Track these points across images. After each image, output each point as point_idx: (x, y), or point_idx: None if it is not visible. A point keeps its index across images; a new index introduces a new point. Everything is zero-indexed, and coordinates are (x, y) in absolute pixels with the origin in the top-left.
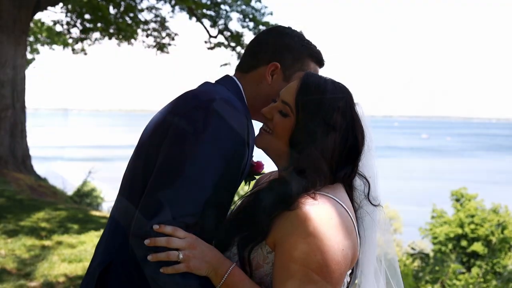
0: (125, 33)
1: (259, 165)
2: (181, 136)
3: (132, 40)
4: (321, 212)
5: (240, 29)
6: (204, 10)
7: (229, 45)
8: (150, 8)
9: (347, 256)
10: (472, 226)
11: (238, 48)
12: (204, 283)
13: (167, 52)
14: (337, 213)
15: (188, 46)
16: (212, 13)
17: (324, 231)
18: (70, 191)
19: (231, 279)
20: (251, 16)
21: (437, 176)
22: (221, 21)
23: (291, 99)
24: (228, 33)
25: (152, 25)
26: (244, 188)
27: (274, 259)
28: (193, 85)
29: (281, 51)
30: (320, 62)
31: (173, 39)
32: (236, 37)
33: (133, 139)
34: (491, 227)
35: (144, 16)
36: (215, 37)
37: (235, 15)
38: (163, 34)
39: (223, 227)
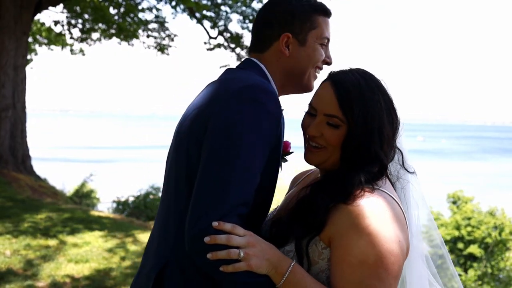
0: (126, 33)
1: (287, 144)
2: (221, 128)
3: (133, 41)
4: (376, 206)
5: (240, 31)
6: (204, 11)
7: (228, 46)
8: (150, 9)
9: (403, 247)
10: (469, 229)
11: (238, 50)
12: (264, 281)
13: (167, 54)
14: (391, 206)
15: (188, 47)
16: (212, 14)
17: (380, 224)
18: (68, 192)
19: (292, 277)
20: (251, 17)
21: (433, 179)
22: (221, 22)
23: (335, 110)
24: (228, 35)
25: (153, 25)
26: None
27: (331, 255)
28: (193, 87)
29: (286, 20)
30: (327, 12)
31: (172, 40)
32: (236, 39)
33: (131, 140)
34: (488, 230)
35: (145, 16)
36: (215, 38)
37: (235, 17)
38: (163, 35)
39: (278, 223)
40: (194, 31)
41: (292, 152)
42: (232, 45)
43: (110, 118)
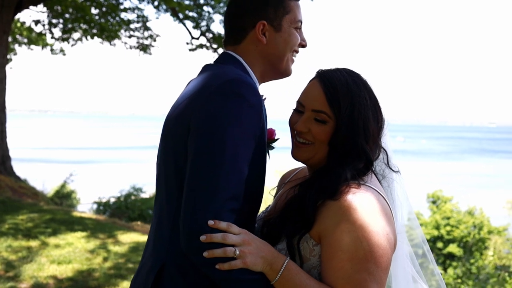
0: (108, 33)
1: (272, 131)
2: (205, 125)
3: (115, 41)
4: (363, 201)
5: (222, 31)
6: (187, 12)
7: (211, 47)
8: (132, 9)
9: (391, 240)
10: (448, 228)
11: (220, 50)
12: (259, 278)
13: (150, 53)
14: (378, 201)
15: (171, 47)
16: (195, 14)
17: (367, 218)
18: (48, 193)
19: (286, 273)
20: None
21: (413, 179)
22: (204, 23)
23: (323, 106)
24: (210, 35)
25: (135, 25)
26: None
27: (321, 251)
28: (176, 87)
29: (259, 8)
30: None
31: (155, 40)
32: (218, 39)
33: (111, 141)
34: (467, 229)
35: (127, 16)
36: (197, 38)
37: (217, 17)
38: (146, 35)
39: (269, 222)
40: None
41: (277, 139)
42: (215, 46)
43: (89, 118)
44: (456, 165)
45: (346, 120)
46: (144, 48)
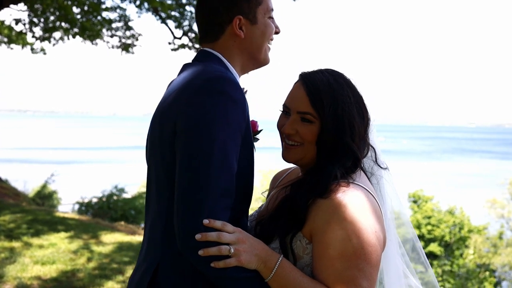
0: (90, 32)
1: (254, 124)
2: (191, 125)
3: (97, 40)
4: (352, 199)
5: None
6: (169, 11)
7: (193, 47)
8: (114, 8)
9: (380, 238)
10: (429, 227)
11: None
12: (254, 276)
13: (132, 53)
14: (367, 198)
15: (153, 46)
16: (177, 14)
17: (356, 216)
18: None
19: (280, 271)
20: None
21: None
22: (186, 23)
23: (308, 107)
24: (193, 35)
25: (116, 24)
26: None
27: (313, 249)
28: (158, 86)
29: (233, 3)
30: None
31: (137, 39)
32: None
33: (92, 141)
34: (447, 228)
35: (109, 15)
36: (180, 38)
37: None
38: (128, 34)
39: (262, 222)
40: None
41: (261, 130)
42: (197, 46)
43: (69, 118)
44: (437, 164)
45: (331, 119)
46: (126, 48)
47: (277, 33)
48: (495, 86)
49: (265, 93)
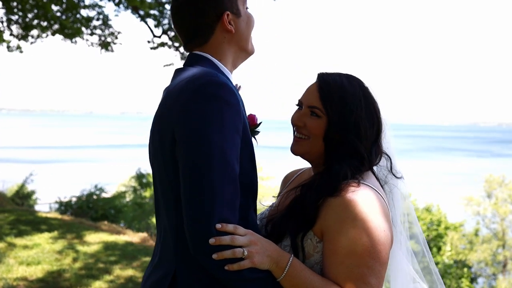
0: (69, 30)
1: (252, 117)
2: (189, 134)
3: (76, 38)
4: (363, 198)
5: None
6: (149, 10)
7: (173, 45)
8: (93, 6)
9: (388, 236)
10: (406, 225)
11: (182, 49)
12: (266, 276)
13: (112, 51)
14: (376, 198)
15: (132, 44)
16: (157, 12)
17: (366, 215)
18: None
19: (292, 270)
20: None
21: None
22: (166, 21)
23: (317, 102)
24: (172, 33)
25: (95, 22)
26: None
27: (323, 247)
28: (136, 84)
29: (218, 0)
30: None
31: (116, 37)
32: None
33: (68, 140)
34: (424, 225)
35: (88, 13)
36: (159, 37)
37: None
38: (107, 32)
39: (273, 221)
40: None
41: (261, 123)
42: (176, 44)
43: (45, 117)
44: (414, 163)
45: (337, 116)
46: (105, 46)
47: None
48: (469, 85)
49: (264, 93)
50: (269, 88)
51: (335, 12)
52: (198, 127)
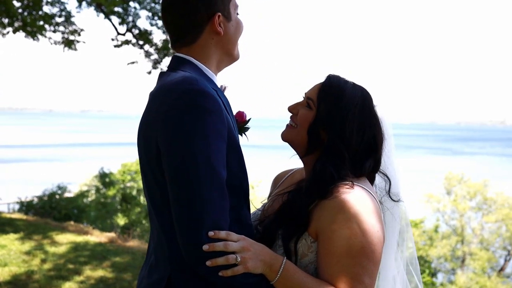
0: (32, 28)
1: (241, 114)
2: (172, 145)
3: (39, 36)
4: (356, 199)
5: (148, 27)
6: (113, 7)
7: (137, 43)
8: (55, 2)
9: (381, 237)
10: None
11: (146, 47)
12: (260, 280)
13: (75, 49)
14: (369, 199)
15: (98, 42)
16: (121, 10)
17: (361, 216)
18: None
19: (285, 273)
20: (160, 14)
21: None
22: (130, 19)
23: (314, 95)
24: (137, 31)
25: (58, 19)
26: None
27: (318, 247)
28: (98, 82)
29: (211, 1)
30: None
31: (79, 35)
32: (144, 35)
33: (26, 139)
34: None
35: (51, 10)
36: (124, 34)
37: (144, 13)
38: (70, 29)
39: (265, 224)
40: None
41: (249, 119)
42: (141, 42)
43: (2, 115)
44: None
45: (326, 111)
46: (69, 44)
47: None
48: (428, 84)
49: (262, 93)
50: (269, 88)
51: (335, 12)
52: (181, 138)
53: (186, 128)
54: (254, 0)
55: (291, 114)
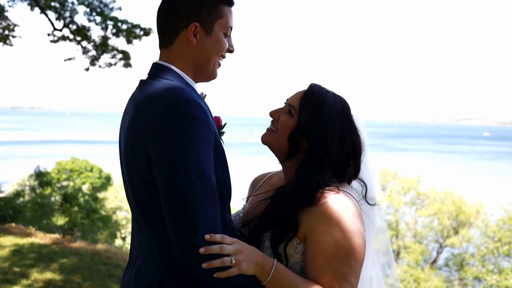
0: None
1: (217, 119)
2: (164, 153)
3: None
4: (343, 204)
5: (86, 23)
6: (49, 2)
7: (74, 39)
8: None
9: (365, 239)
10: None
11: (84, 43)
12: (253, 281)
13: (11, 45)
14: (353, 204)
15: (35, 37)
16: (57, 4)
17: (347, 219)
18: None
19: (276, 274)
20: (98, 10)
21: None
22: (67, 14)
23: (296, 102)
24: (74, 27)
25: None
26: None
27: (306, 249)
28: (31, 78)
29: (194, 9)
30: (230, 3)
31: (13, 30)
32: (82, 31)
33: None
34: None
35: None
36: (60, 30)
37: (81, 8)
38: (4, 24)
39: (250, 229)
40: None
41: (225, 124)
42: (78, 38)
43: None
44: None
45: (306, 120)
46: (3, 39)
47: (230, 51)
48: (360, 82)
49: (262, 93)
50: (269, 88)
51: (334, 12)
52: (172, 146)
53: (177, 137)
54: (254, 1)
55: (272, 119)
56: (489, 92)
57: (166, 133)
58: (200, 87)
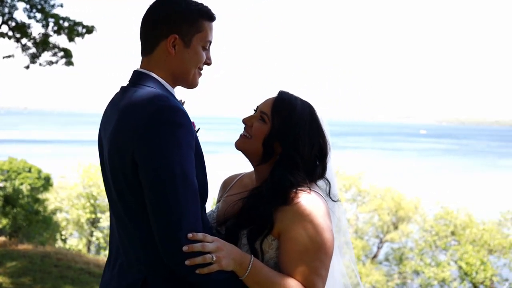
0: None
1: (192, 124)
2: (150, 158)
3: None
4: (315, 203)
5: (27, 20)
6: None
7: (14, 36)
8: None
9: (333, 235)
10: None
11: (24, 40)
12: (232, 276)
13: None
14: (323, 203)
15: None
16: None
17: (318, 217)
18: None
19: (253, 270)
20: (39, 7)
21: None
22: (6, 10)
23: (268, 109)
24: (14, 24)
25: None
26: None
27: (280, 246)
28: None
29: (175, 21)
30: (211, 18)
31: None
32: (21, 28)
33: None
34: None
35: None
36: None
37: (21, 5)
38: None
39: (227, 228)
40: None
41: (199, 129)
42: (18, 35)
43: None
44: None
45: (279, 125)
46: None
47: (208, 64)
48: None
49: (262, 93)
50: (270, 88)
51: (334, 12)
52: (158, 152)
53: (163, 143)
54: (254, 2)
55: (245, 125)
56: (426, 91)
57: (152, 140)
58: (195, 91)
